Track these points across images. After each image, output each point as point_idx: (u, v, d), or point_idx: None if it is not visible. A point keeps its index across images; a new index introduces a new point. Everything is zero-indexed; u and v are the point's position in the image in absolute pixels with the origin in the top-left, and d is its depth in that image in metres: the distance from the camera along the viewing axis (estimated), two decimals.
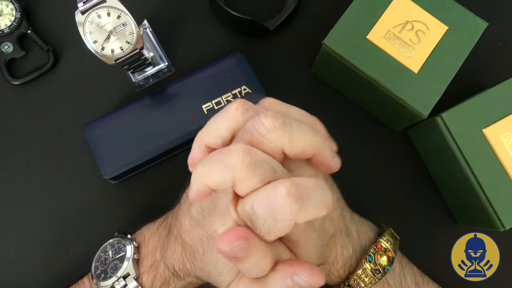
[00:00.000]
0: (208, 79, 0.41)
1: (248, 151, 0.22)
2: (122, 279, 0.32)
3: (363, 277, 0.32)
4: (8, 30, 0.43)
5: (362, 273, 0.32)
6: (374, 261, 0.32)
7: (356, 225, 0.34)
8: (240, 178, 0.22)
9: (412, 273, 0.35)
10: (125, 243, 0.34)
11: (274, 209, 0.21)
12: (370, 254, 0.32)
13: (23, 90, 0.44)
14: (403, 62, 0.38)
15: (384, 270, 0.32)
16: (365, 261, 0.32)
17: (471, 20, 0.39)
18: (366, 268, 0.32)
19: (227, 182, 0.23)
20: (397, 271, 0.34)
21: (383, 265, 0.32)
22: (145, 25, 0.43)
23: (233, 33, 0.45)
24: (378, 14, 0.38)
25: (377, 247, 0.33)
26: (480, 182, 0.36)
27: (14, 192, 0.42)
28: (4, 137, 0.43)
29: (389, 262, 0.32)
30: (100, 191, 0.42)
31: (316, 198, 0.22)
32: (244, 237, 0.22)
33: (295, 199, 0.21)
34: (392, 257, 0.33)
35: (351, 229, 0.33)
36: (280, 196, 0.21)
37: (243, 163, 0.22)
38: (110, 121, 0.40)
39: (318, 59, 0.41)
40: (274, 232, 0.22)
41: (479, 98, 0.38)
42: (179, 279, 0.32)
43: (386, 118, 0.43)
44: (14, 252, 0.40)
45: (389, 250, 0.33)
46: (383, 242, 0.33)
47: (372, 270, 0.32)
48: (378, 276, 0.32)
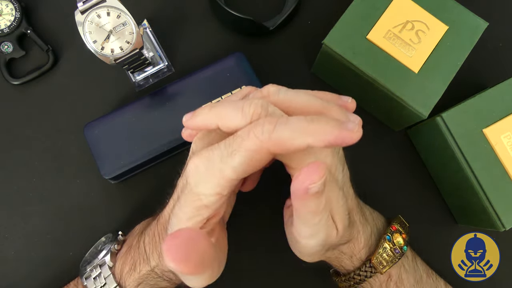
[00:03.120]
0: (208, 79, 0.41)
1: (263, 105, 0.25)
2: (98, 267, 0.33)
3: (384, 256, 0.32)
4: (8, 30, 0.43)
5: (383, 252, 0.32)
6: (393, 241, 0.33)
7: (369, 210, 0.35)
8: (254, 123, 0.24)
9: (421, 263, 0.36)
10: (112, 237, 0.35)
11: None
12: (388, 234, 0.33)
13: (23, 90, 0.44)
14: (403, 62, 0.38)
15: (402, 250, 0.33)
16: (385, 241, 0.33)
17: (471, 20, 0.39)
18: (386, 247, 0.32)
19: (240, 126, 0.25)
20: (410, 257, 0.35)
21: (401, 245, 0.33)
22: (145, 25, 0.43)
23: (233, 33, 0.45)
24: (378, 14, 0.38)
25: (392, 228, 0.34)
26: (480, 182, 0.36)
27: (14, 192, 0.42)
28: (4, 137, 0.43)
29: (405, 243, 0.33)
30: (100, 191, 0.42)
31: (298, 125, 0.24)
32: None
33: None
34: (407, 239, 0.34)
35: (364, 210, 0.34)
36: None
37: (261, 111, 0.24)
38: (110, 121, 0.40)
39: (318, 59, 0.41)
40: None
41: (479, 98, 0.38)
42: (146, 263, 0.32)
43: (386, 118, 0.43)
44: (14, 252, 0.40)
45: (403, 232, 0.34)
46: (396, 225, 0.34)
47: (392, 250, 0.33)
48: (397, 256, 0.33)
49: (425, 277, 0.35)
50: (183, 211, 0.27)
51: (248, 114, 0.25)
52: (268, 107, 0.25)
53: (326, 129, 0.23)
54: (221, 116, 0.26)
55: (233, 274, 0.37)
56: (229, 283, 0.35)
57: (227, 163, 0.24)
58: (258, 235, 0.41)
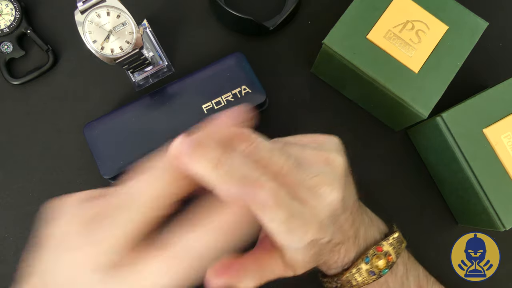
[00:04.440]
0: (208, 79, 0.41)
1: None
2: None
3: (356, 276, 0.32)
4: (8, 30, 0.43)
5: (356, 272, 0.32)
6: (371, 263, 0.32)
7: (365, 227, 0.33)
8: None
9: (416, 276, 0.35)
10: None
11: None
12: (368, 256, 0.32)
13: (23, 90, 0.44)
14: (403, 62, 0.38)
15: (380, 273, 0.32)
16: (362, 261, 0.32)
17: (471, 20, 0.39)
18: (361, 268, 0.31)
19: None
20: (400, 273, 0.34)
21: (380, 268, 0.32)
22: (145, 25, 0.43)
23: (233, 33, 0.45)
24: (378, 14, 0.38)
25: (377, 250, 0.32)
26: (480, 182, 0.36)
27: (14, 192, 0.42)
28: (4, 137, 0.43)
29: (387, 266, 0.32)
30: None
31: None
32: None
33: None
34: (392, 261, 0.32)
35: (359, 233, 0.32)
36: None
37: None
38: (110, 121, 0.40)
39: (318, 59, 0.41)
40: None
41: (480, 98, 0.38)
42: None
43: (386, 118, 0.43)
44: (14, 252, 0.40)
45: (389, 254, 0.32)
46: (385, 245, 0.32)
47: (367, 271, 0.32)
48: (372, 278, 0.32)
49: None
50: None
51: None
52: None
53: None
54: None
55: None
56: None
57: None
58: None
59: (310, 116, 0.44)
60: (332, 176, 0.27)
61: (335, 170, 0.27)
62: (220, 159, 0.22)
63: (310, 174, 0.26)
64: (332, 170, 0.27)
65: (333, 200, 0.26)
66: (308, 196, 0.25)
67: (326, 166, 0.27)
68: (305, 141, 0.29)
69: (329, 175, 0.27)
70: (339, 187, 0.27)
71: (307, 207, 0.25)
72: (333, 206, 0.26)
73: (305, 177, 0.25)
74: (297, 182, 0.25)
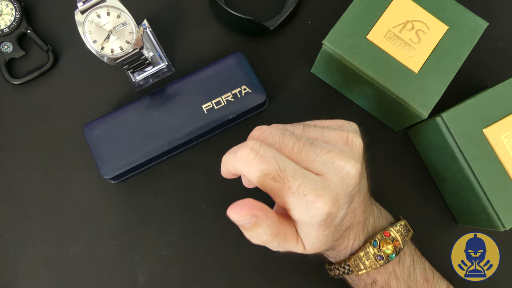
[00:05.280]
0: (208, 79, 0.41)
1: (253, 148, 0.26)
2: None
3: (363, 260, 0.32)
4: (8, 30, 0.43)
5: (364, 256, 0.32)
6: (379, 247, 0.32)
7: (374, 217, 0.34)
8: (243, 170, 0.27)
9: (423, 268, 0.35)
10: None
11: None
12: (376, 239, 0.32)
13: (23, 90, 0.44)
14: (403, 62, 0.38)
15: (388, 258, 0.32)
16: (369, 245, 0.32)
17: (471, 20, 0.39)
18: (368, 252, 0.32)
19: (237, 170, 0.27)
20: (407, 264, 0.34)
21: (387, 253, 0.32)
22: (145, 25, 0.43)
23: (233, 33, 0.45)
24: (378, 14, 0.38)
25: (384, 235, 0.33)
26: (480, 182, 0.36)
27: (14, 192, 0.42)
28: (4, 137, 0.43)
29: (394, 251, 0.32)
30: (100, 191, 0.42)
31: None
32: (254, 214, 0.26)
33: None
34: (400, 247, 0.32)
35: (368, 221, 0.33)
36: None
37: (248, 156, 0.26)
38: (110, 121, 0.40)
39: (318, 59, 0.41)
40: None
41: (479, 98, 0.38)
42: None
43: (386, 118, 0.43)
44: (14, 252, 0.40)
45: (397, 240, 0.33)
46: (392, 231, 0.33)
47: (375, 255, 0.32)
48: (380, 262, 0.32)
49: (422, 282, 0.35)
50: None
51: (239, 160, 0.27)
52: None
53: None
54: (226, 164, 0.29)
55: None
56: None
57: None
58: None
59: (310, 116, 0.44)
60: (351, 154, 0.28)
61: (354, 149, 0.29)
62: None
63: (324, 150, 0.27)
64: (351, 150, 0.28)
65: (349, 173, 0.27)
66: (324, 169, 0.27)
67: (346, 146, 0.28)
68: (324, 124, 0.30)
69: (348, 153, 0.28)
70: (356, 163, 0.28)
71: (323, 179, 0.27)
72: (349, 180, 0.27)
73: (319, 152, 0.27)
74: (310, 158, 0.27)
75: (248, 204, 0.26)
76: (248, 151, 0.26)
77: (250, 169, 0.26)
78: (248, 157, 0.26)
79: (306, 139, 0.28)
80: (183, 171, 0.42)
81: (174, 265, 0.40)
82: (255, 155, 0.26)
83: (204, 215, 0.41)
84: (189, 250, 0.41)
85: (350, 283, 0.36)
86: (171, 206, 0.42)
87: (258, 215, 0.26)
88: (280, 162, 0.26)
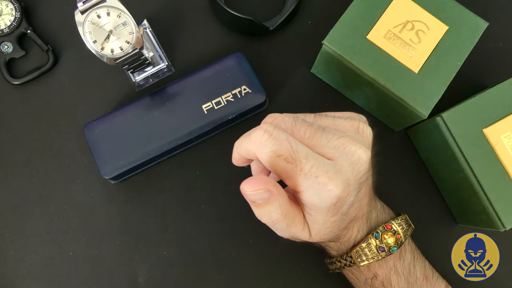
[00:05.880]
0: (208, 79, 0.41)
1: (267, 130, 0.27)
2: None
3: (366, 251, 0.32)
4: (8, 30, 0.43)
5: (366, 247, 0.32)
6: (381, 239, 0.32)
7: (377, 212, 0.34)
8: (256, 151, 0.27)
9: (423, 266, 0.35)
10: None
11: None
12: (378, 231, 0.33)
13: (23, 90, 0.44)
14: (403, 62, 0.38)
15: (390, 250, 0.32)
16: (371, 237, 0.32)
17: (471, 20, 0.39)
18: (370, 243, 0.32)
19: (249, 152, 0.28)
20: (408, 260, 0.34)
21: (389, 245, 0.32)
22: (145, 25, 0.43)
23: (233, 33, 0.45)
24: (378, 14, 0.38)
25: (386, 227, 0.33)
26: (480, 182, 0.36)
27: (14, 192, 0.42)
28: (4, 137, 0.43)
29: (396, 244, 0.32)
30: (100, 191, 0.42)
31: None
32: (268, 189, 0.26)
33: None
34: (401, 240, 0.33)
35: (372, 215, 0.34)
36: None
37: (262, 137, 0.27)
38: (110, 121, 0.40)
39: (318, 59, 0.41)
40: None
41: (479, 98, 0.38)
42: None
43: (386, 118, 0.43)
44: (14, 252, 0.40)
45: (398, 233, 0.33)
46: (394, 224, 0.33)
47: (377, 247, 0.32)
48: (382, 254, 0.32)
49: (421, 280, 0.35)
50: None
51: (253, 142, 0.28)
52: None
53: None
54: (239, 148, 0.30)
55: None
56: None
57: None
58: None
59: None
60: (362, 141, 0.29)
61: (365, 137, 0.30)
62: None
63: (336, 135, 0.28)
64: (362, 137, 0.29)
65: (360, 158, 0.28)
66: (335, 154, 0.28)
67: (357, 134, 0.29)
68: (335, 115, 0.31)
69: (359, 140, 0.29)
70: (367, 149, 0.28)
71: (334, 163, 0.27)
72: (359, 166, 0.28)
73: (330, 137, 0.28)
74: (322, 143, 0.28)
75: (262, 179, 0.27)
76: (262, 132, 0.27)
77: (263, 150, 0.27)
78: (262, 138, 0.27)
79: (318, 126, 0.29)
80: (183, 171, 0.42)
81: (174, 265, 0.40)
82: (268, 136, 0.27)
83: (204, 215, 0.41)
84: (189, 250, 0.41)
85: (350, 278, 0.36)
86: (171, 206, 0.42)
87: (272, 190, 0.27)
88: (293, 144, 0.27)
